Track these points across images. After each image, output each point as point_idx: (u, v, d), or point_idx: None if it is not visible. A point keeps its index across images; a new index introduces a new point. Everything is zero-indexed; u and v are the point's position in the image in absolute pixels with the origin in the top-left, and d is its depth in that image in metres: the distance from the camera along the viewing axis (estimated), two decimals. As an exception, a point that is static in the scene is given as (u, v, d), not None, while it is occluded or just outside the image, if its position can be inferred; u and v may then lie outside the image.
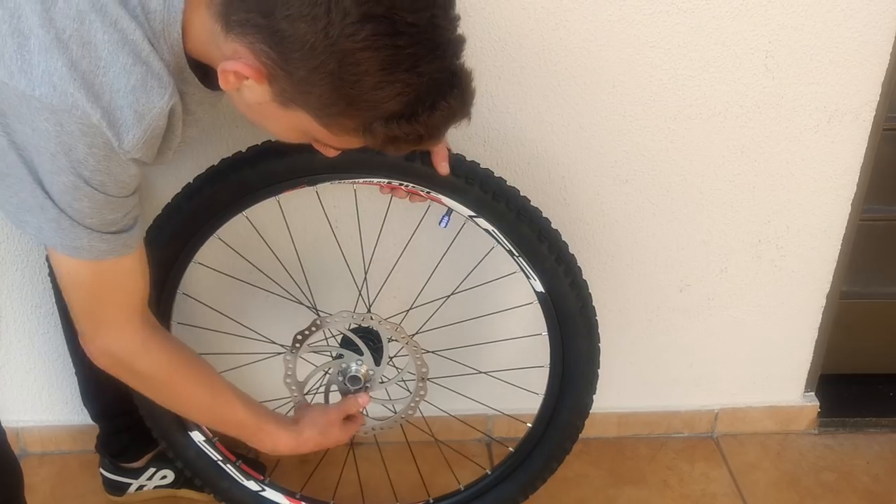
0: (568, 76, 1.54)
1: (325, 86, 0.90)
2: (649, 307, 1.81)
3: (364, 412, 1.48)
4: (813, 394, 1.96)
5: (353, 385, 1.45)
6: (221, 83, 0.96)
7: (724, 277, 1.78)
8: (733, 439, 1.95)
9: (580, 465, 1.86)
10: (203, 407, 1.27)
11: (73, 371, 1.65)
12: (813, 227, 1.73)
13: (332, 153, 1.09)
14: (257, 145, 1.37)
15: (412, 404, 1.51)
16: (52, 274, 1.58)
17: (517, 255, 1.41)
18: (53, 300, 1.63)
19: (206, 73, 1.04)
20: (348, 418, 1.42)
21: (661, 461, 1.89)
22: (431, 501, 1.62)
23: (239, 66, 0.93)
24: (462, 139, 1.58)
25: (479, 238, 1.43)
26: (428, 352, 1.50)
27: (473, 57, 0.99)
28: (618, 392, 1.89)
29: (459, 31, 0.95)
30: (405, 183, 1.36)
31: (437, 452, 1.77)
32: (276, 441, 1.32)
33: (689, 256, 1.75)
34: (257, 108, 0.99)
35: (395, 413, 1.53)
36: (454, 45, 0.94)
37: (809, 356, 1.91)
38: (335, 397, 1.47)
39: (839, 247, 1.77)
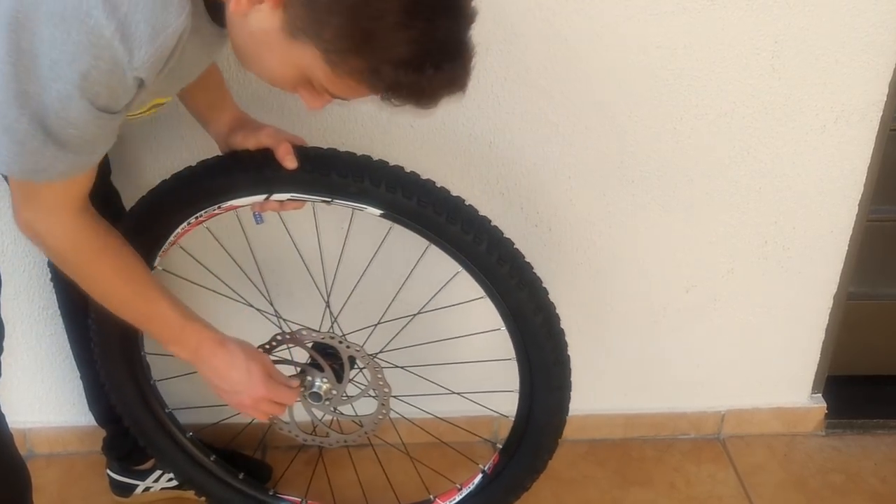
0: (574, 77, 1.54)
1: (345, 16, 0.90)
2: (655, 308, 1.80)
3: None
4: (820, 395, 1.96)
5: (315, 401, 1.40)
6: (233, 5, 0.95)
7: (731, 278, 1.77)
8: (740, 441, 1.95)
9: (586, 467, 1.86)
10: (124, 298, 1.23)
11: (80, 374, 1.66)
12: (820, 227, 1.73)
13: (318, 104, 1.06)
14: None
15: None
16: (53, 279, 1.58)
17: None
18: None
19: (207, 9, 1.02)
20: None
21: (668, 463, 1.89)
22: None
23: None
24: (467, 140, 1.58)
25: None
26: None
27: (479, 57, 0.99)
28: (624, 393, 1.89)
29: (474, 4, 0.97)
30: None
31: (441, 453, 1.76)
32: (200, 340, 1.26)
33: (695, 257, 1.74)
34: (261, 36, 0.97)
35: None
36: (468, 15, 0.96)
37: (816, 357, 1.90)
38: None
39: (846, 247, 1.76)
